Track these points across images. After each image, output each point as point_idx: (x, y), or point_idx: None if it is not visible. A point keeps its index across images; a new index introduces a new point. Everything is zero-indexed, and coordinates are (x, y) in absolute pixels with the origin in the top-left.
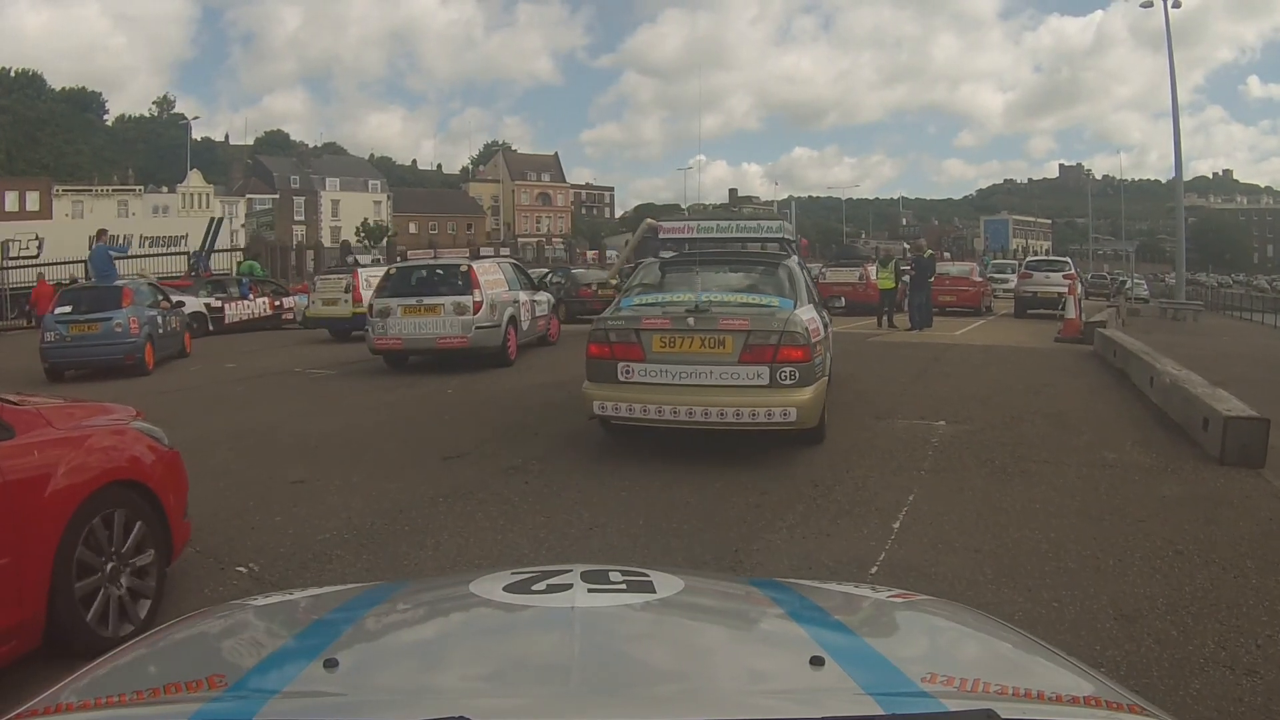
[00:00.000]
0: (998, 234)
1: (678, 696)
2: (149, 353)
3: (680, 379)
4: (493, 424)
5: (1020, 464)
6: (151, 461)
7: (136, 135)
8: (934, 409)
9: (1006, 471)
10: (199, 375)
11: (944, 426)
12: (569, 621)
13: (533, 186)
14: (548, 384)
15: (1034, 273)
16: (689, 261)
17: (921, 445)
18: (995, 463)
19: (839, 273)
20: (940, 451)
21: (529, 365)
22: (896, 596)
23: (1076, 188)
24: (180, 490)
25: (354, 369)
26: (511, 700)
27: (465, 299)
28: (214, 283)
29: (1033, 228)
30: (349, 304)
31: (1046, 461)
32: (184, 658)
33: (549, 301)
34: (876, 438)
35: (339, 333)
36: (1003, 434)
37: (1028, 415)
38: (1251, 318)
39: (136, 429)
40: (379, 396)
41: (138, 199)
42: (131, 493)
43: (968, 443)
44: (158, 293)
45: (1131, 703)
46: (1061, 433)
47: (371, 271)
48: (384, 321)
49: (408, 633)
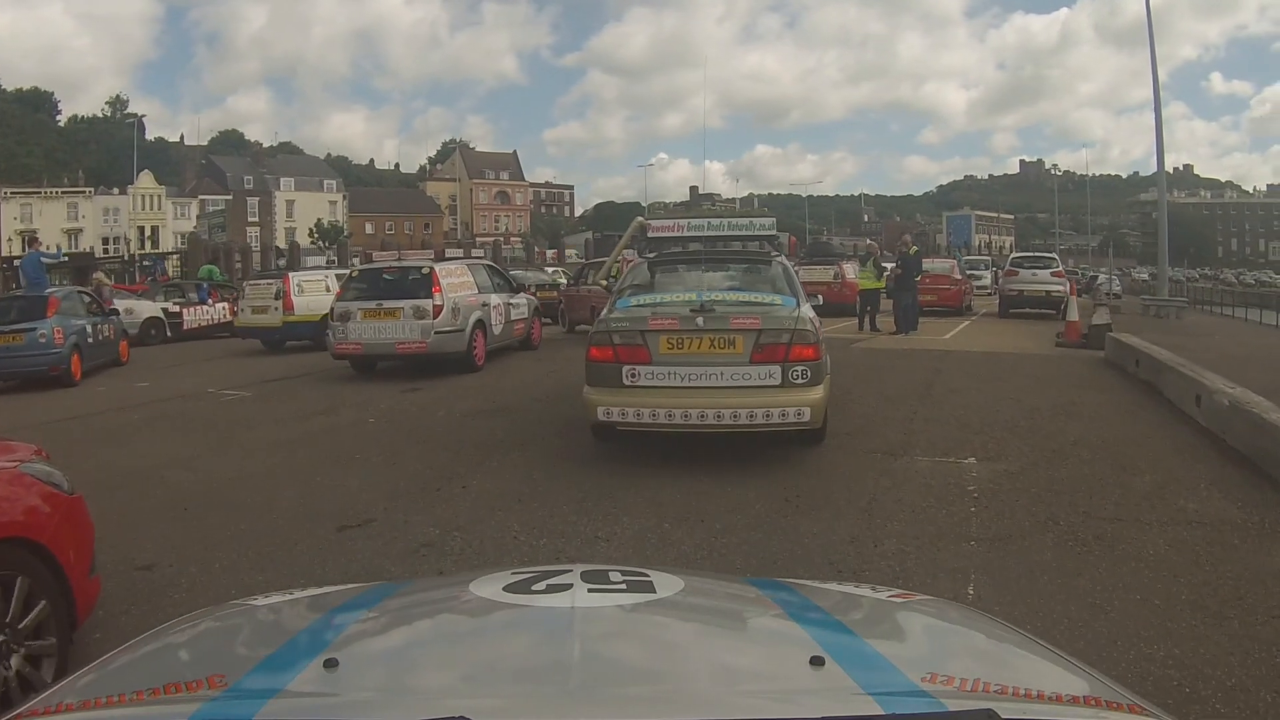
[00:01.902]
0: (960, 229)
1: (678, 696)
2: (75, 363)
3: (690, 381)
4: (413, 470)
5: (1090, 524)
6: (47, 514)
7: (89, 136)
8: (957, 439)
9: (1078, 537)
10: (103, 398)
11: (976, 466)
12: (569, 621)
13: (491, 185)
14: (493, 409)
15: (1020, 270)
16: (680, 260)
17: (958, 496)
18: (1059, 523)
19: (813, 271)
20: (985, 506)
21: (483, 381)
22: (896, 596)
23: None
24: (83, 544)
25: (272, 389)
26: (511, 700)
27: (425, 302)
28: (172, 287)
29: (995, 223)
30: (279, 312)
31: (1119, 519)
32: (184, 658)
33: (529, 304)
34: (900, 487)
35: (271, 344)
36: (1050, 475)
37: (1069, 447)
38: (1234, 313)
39: (30, 473)
40: (288, 428)
41: (88, 201)
42: (23, 553)
43: (1013, 490)
44: (90, 300)
45: (1132, 702)
46: (1118, 472)
47: (306, 275)
48: (344, 326)
49: (408, 633)
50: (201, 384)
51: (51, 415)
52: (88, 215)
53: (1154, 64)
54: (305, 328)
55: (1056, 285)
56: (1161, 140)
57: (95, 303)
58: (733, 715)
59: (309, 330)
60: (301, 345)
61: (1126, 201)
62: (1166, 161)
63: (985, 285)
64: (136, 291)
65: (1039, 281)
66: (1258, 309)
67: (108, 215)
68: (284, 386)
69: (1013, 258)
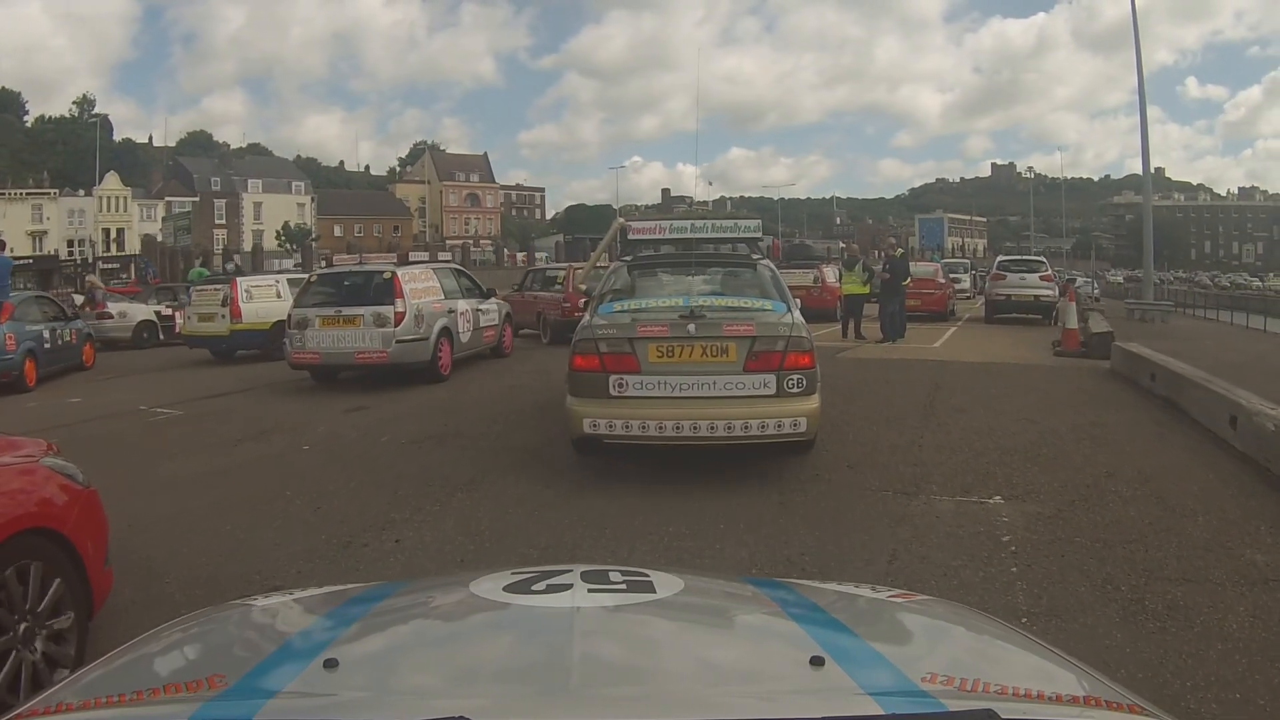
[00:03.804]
0: (933, 232)
1: (678, 696)
2: (29, 369)
3: (681, 391)
4: (340, 516)
5: (1156, 588)
6: (65, 504)
7: (56, 137)
8: (976, 472)
9: (1147, 608)
10: (33, 414)
11: (1005, 508)
12: (569, 622)
13: (461, 187)
14: (444, 433)
15: (1007, 274)
16: (661, 263)
17: (992, 550)
18: (1120, 588)
19: (792, 275)
20: (1027, 564)
21: (436, 397)
22: (896, 596)
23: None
24: (100, 535)
25: (208, 407)
26: (511, 700)
27: (385, 309)
28: (164, 290)
29: (968, 226)
30: (226, 320)
31: (1187, 579)
32: (184, 658)
33: (500, 310)
34: (922, 538)
35: (220, 353)
36: (1091, 519)
37: (1102, 480)
38: (1217, 317)
39: (48, 466)
40: (211, 457)
41: (52, 203)
42: (45, 541)
43: (1054, 541)
44: (52, 305)
45: (1132, 703)
46: (1166, 514)
47: (255, 281)
48: (302, 334)
49: (407, 633)
50: (137, 400)
51: None
52: (53, 217)
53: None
54: (254, 336)
55: (1046, 290)
56: (1147, 143)
57: (60, 307)
58: (733, 715)
59: (259, 339)
60: (251, 355)
61: (1098, 205)
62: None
63: (965, 289)
64: (130, 295)
65: (1027, 286)
66: (1243, 313)
67: (73, 217)
68: (222, 404)
69: (999, 260)
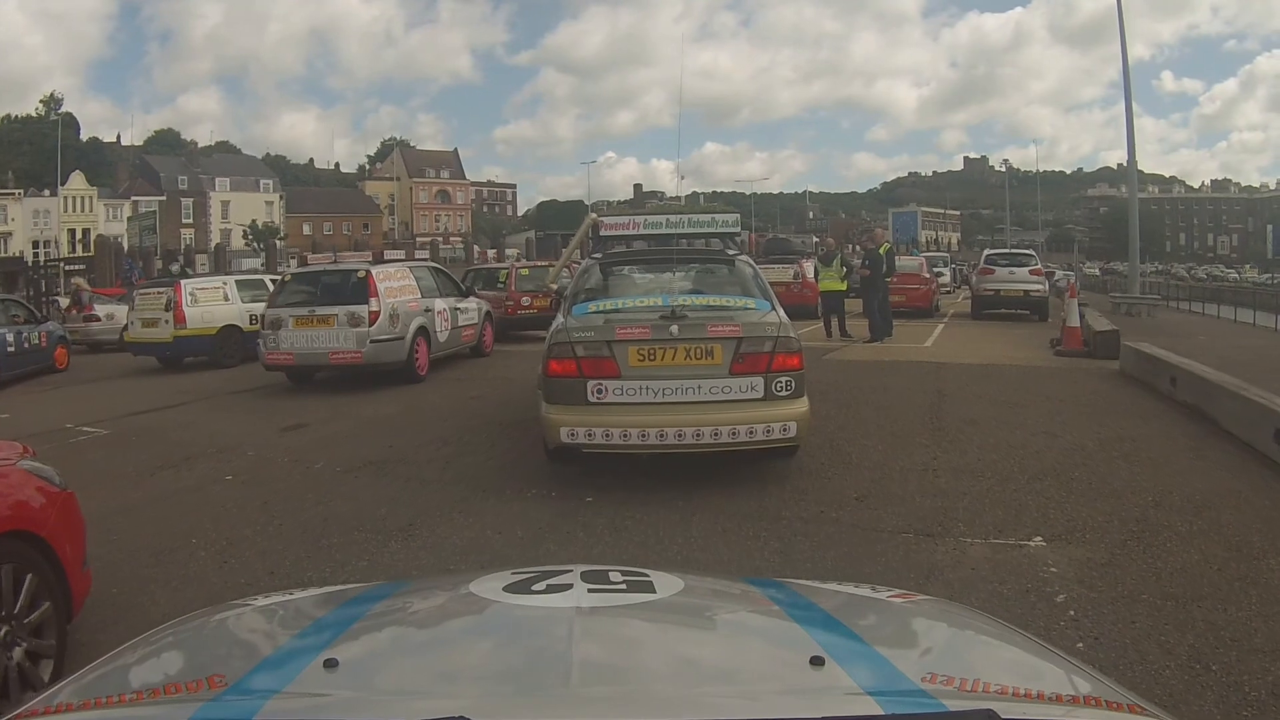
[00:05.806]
0: (906, 226)
1: (678, 696)
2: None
3: (664, 396)
4: (247, 577)
5: (1252, 664)
6: (43, 506)
7: (21, 136)
8: (1006, 504)
9: (1247, 695)
10: None
11: (1049, 552)
12: (569, 622)
13: (431, 184)
14: (385, 458)
15: (996, 267)
16: (635, 260)
17: (1046, 614)
18: (1210, 666)
19: (771, 270)
20: (1092, 635)
21: (381, 411)
22: (896, 596)
23: (981, 179)
24: (77, 537)
25: (137, 425)
26: (511, 700)
27: (360, 309)
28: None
29: (942, 220)
30: (170, 325)
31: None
32: (184, 658)
33: (480, 309)
34: (959, 597)
35: (166, 361)
36: (1154, 566)
37: (1151, 512)
38: (1203, 310)
39: (25, 469)
40: (122, 490)
41: (17, 203)
42: (24, 545)
43: (1117, 599)
44: (19, 308)
45: (1131, 703)
46: (1236, 557)
47: (201, 283)
48: (275, 334)
49: (408, 633)
50: (66, 416)
51: None
52: (17, 218)
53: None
54: (200, 343)
55: (1035, 284)
56: (1133, 139)
57: (29, 310)
58: (733, 715)
59: (205, 345)
60: (200, 362)
61: (1070, 197)
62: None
63: (946, 283)
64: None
65: (1017, 280)
66: (1228, 305)
67: (38, 218)
68: (155, 420)
69: (987, 254)
